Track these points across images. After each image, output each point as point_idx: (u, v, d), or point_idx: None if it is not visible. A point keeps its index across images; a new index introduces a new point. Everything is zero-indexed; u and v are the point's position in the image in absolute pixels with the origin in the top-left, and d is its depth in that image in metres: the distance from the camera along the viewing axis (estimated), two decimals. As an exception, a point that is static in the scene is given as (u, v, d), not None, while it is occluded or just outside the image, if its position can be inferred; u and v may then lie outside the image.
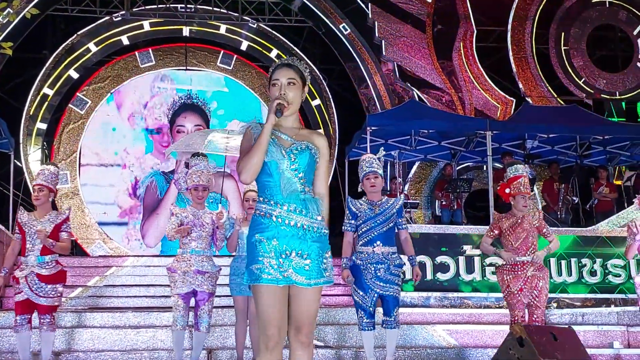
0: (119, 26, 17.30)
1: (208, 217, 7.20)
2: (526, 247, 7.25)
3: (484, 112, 16.52)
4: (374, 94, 16.96)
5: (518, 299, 7.16)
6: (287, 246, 3.85)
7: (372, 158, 7.21)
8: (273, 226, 3.87)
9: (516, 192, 7.35)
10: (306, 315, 3.88)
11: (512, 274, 7.21)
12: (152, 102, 17.08)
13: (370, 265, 6.88)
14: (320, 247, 3.92)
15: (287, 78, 4.00)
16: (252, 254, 3.90)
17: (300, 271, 3.84)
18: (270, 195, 3.91)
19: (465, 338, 9.12)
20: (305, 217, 3.88)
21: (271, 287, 3.82)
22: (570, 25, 17.84)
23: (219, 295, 9.82)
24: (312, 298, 3.89)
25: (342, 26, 17.10)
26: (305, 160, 3.94)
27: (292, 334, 3.89)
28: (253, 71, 17.53)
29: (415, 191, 16.52)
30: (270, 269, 3.82)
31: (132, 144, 16.85)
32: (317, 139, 4.06)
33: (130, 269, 12.38)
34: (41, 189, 7.08)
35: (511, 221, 7.33)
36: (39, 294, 6.88)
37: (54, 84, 16.95)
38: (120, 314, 9.40)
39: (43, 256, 6.94)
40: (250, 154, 3.85)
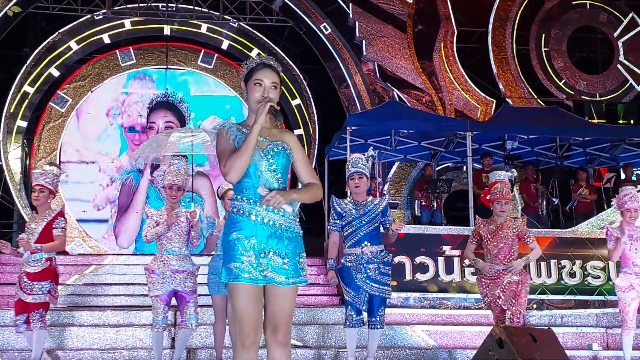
0: (100, 25, 17.21)
1: (183, 216, 7.19)
2: (504, 254, 7.28)
3: (464, 113, 16.59)
4: (354, 94, 16.99)
5: (497, 305, 7.22)
6: (265, 245, 3.88)
7: (359, 158, 7.21)
8: (251, 225, 3.89)
9: (493, 197, 7.39)
10: (283, 314, 3.90)
11: (490, 281, 7.25)
12: (128, 100, 17.01)
13: (361, 266, 6.91)
14: (296, 247, 3.97)
15: (271, 81, 4.05)
16: (231, 252, 3.91)
17: (279, 270, 3.87)
18: (249, 195, 3.94)
19: (445, 339, 9.16)
20: (282, 217, 3.93)
21: (249, 286, 3.84)
22: (551, 27, 17.95)
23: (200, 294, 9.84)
24: (289, 297, 3.92)
25: (322, 26, 17.11)
26: (282, 160, 4.00)
27: (269, 334, 3.91)
28: (234, 70, 17.49)
29: (395, 191, 16.56)
30: (250, 268, 3.84)
31: (107, 143, 16.77)
32: (287, 136, 4.13)
33: (110, 267, 12.33)
34: (42, 190, 7.10)
35: (491, 227, 7.35)
36: (26, 291, 6.88)
37: (34, 82, 16.83)
38: (100, 312, 9.37)
39: (33, 254, 6.94)
40: (238, 154, 3.86)
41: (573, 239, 11.51)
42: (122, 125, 16.89)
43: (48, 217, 7.07)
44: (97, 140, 16.74)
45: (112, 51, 17.34)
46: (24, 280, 6.91)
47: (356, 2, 17.01)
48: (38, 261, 6.97)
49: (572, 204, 14.29)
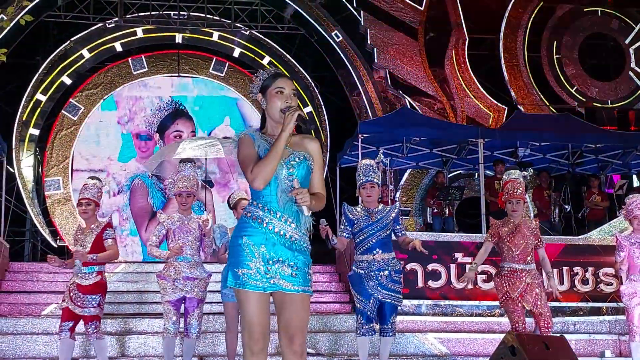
0: (112, 33, 17.30)
1: (195, 223, 7.19)
2: (526, 254, 7.21)
3: (475, 120, 16.57)
4: (365, 101, 17.00)
5: (518, 304, 7.12)
6: (274, 253, 3.87)
7: (370, 165, 7.19)
8: (262, 232, 3.89)
9: (505, 197, 7.35)
10: (298, 323, 3.87)
11: (510, 280, 7.15)
12: (136, 107, 17.08)
13: (372, 273, 6.89)
14: (305, 259, 3.96)
15: (291, 89, 4.06)
16: (239, 257, 3.90)
17: (288, 278, 3.86)
18: (265, 202, 3.93)
19: (457, 346, 9.13)
20: (294, 229, 3.92)
21: (257, 293, 3.84)
22: (563, 34, 17.93)
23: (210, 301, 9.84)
24: (302, 306, 3.90)
25: (334, 34, 17.15)
26: (303, 171, 3.98)
27: (285, 343, 3.88)
28: (245, 78, 17.54)
29: (407, 199, 16.54)
30: (257, 275, 3.84)
31: (117, 151, 16.84)
32: (310, 144, 4.11)
33: (122, 275, 12.35)
34: (88, 203, 7.13)
35: (510, 228, 7.25)
36: (79, 304, 6.93)
37: (46, 90, 16.93)
38: (112, 320, 9.38)
39: (85, 267, 7.00)
40: (267, 161, 3.85)
41: (585, 246, 11.46)
42: (131, 133, 16.95)
43: (97, 229, 7.10)
44: (106, 148, 16.80)
45: (124, 59, 17.42)
46: (75, 292, 6.95)
47: (367, 10, 17.04)
48: (90, 274, 7.01)
49: (584, 211, 14.23)
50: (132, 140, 16.93)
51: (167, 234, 7.17)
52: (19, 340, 8.55)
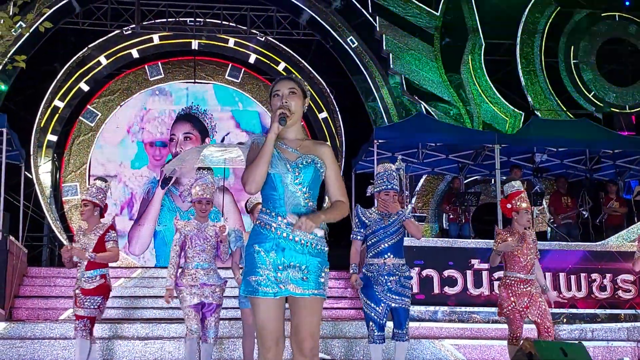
0: (129, 39, 17.41)
1: (211, 230, 7.21)
2: (530, 265, 7.21)
3: (492, 126, 16.51)
4: (381, 107, 16.99)
5: (521, 315, 7.11)
6: (285, 259, 3.86)
7: (392, 171, 7.16)
8: (272, 238, 3.89)
9: (519, 207, 7.29)
10: (307, 327, 3.87)
11: (518, 291, 7.14)
12: (149, 115, 17.17)
13: (381, 278, 6.87)
14: (320, 262, 3.93)
15: (287, 88, 4.06)
16: (250, 265, 3.92)
17: (298, 282, 3.85)
18: (273, 207, 3.93)
19: (473, 353, 9.10)
20: (305, 233, 3.87)
21: (268, 299, 3.85)
22: (580, 39, 17.84)
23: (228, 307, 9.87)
24: (312, 310, 3.89)
25: (349, 39, 17.15)
26: (309, 174, 3.95)
27: (295, 346, 3.89)
28: (261, 84, 17.61)
29: (423, 204, 16.50)
30: (267, 281, 3.84)
31: (128, 157, 16.93)
32: (321, 149, 4.07)
33: (139, 280, 12.40)
34: (86, 204, 7.19)
35: (516, 237, 7.25)
36: (80, 305, 6.97)
37: (64, 97, 17.05)
38: (129, 325, 9.42)
39: (88, 270, 7.04)
40: (253, 164, 3.86)
41: (603, 253, 11.39)
42: (143, 141, 17.03)
43: (100, 230, 7.14)
44: (119, 155, 16.90)
45: (141, 66, 17.52)
46: (79, 296, 6.99)
47: (383, 15, 17.03)
48: (94, 278, 7.05)
49: (602, 217, 14.14)
50: (145, 147, 17.00)
51: (184, 240, 7.19)
52: (37, 344, 8.61)
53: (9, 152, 12.17)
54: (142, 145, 17.01)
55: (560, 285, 10.99)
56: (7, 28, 8.08)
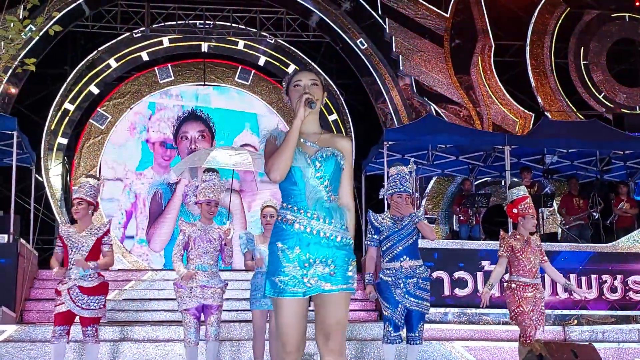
0: (138, 42, 17.46)
1: (216, 233, 7.20)
2: (535, 269, 7.19)
3: (502, 127, 16.48)
4: (391, 109, 16.98)
5: (532, 319, 7.08)
6: (310, 254, 3.73)
7: (404, 174, 7.14)
8: (295, 233, 3.76)
9: (525, 212, 7.27)
10: (333, 321, 3.73)
11: (522, 295, 7.11)
12: (156, 116, 17.22)
13: (399, 280, 6.85)
14: (345, 255, 3.80)
15: (309, 79, 3.95)
16: (275, 264, 3.78)
17: (326, 278, 3.72)
18: (295, 202, 3.80)
19: (484, 355, 9.07)
20: (329, 225, 3.77)
21: (294, 301, 3.72)
22: (590, 40, 17.79)
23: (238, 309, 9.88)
24: (339, 303, 3.75)
25: (359, 41, 17.16)
26: (330, 167, 3.84)
27: (321, 343, 3.74)
28: (271, 86, 17.63)
29: (433, 206, 16.47)
30: (294, 281, 3.71)
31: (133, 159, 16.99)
32: (341, 142, 3.96)
33: (149, 283, 12.42)
34: (80, 203, 7.10)
35: (521, 242, 7.22)
36: (82, 305, 6.88)
37: (74, 100, 17.11)
38: (140, 327, 9.44)
39: (86, 269, 6.96)
40: (279, 150, 3.73)
41: (614, 254, 11.34)
42: (148, 141, 17.06)
43: (97, 232, 7.08)
44: (127, 157, 16.96)
45: (151, 68, 17.56)
46: (77, 294, 6.89)
47: (393, 17, 17.03)
48: (92, 276, 7.00)
49: (612, 218, 14.07)
50: (152, 149, 17.05)
51: (187, 241, 7.19)
52: (48, 347, 8.61)
53: (19, 155, 12.21)
54: (147, 145, 17.04)
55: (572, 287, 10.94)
56: (17, 31, 8.11)
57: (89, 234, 7.03)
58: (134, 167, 16.94)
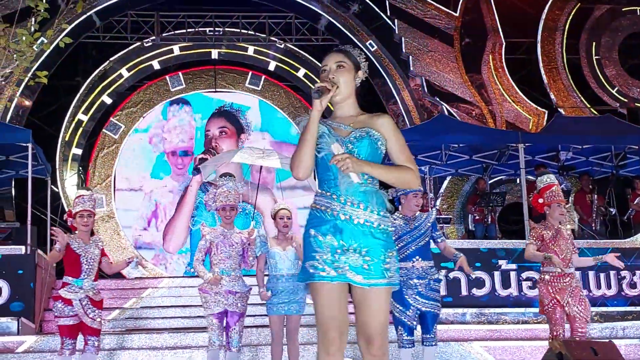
0: (149, 51, 17.56)
1: (237, 237, 7.20)
2: (568, 258, 7.09)
3: (515, 125, 16.42)
4: (402, 110, 16.96)
5: (562, 313, 6.98)
6: (343, 241, 3.56)
7: None
8: (327, 220, 3.60)
9: (551, 200, 7.17)
10: (374, 323, 3.56)
11: (557, 286, 7.01)
12: (170, 125, 17.28)
13: (410, 281, 6.82)
14: (383, 245, 3.61)
15: (335, 62, 3.78)
16: (307, 251, 3.64)
17: (358, 269, 3.54)
18: (328, 188, 3.64)
19: (504, 355, 9.01)
20: (364, 210, 3.59)
21: (326, 284, 3.54)
22: (601, 35, 17.70)
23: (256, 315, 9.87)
24: (378, 303, 3.56)
25: (368, 43, 17.15)
26: (364, 148, 3.64)
27: (362, 345, 3.59)
28: (281, 91, 17.65)
29: (447, 206, 16.42)
30: (323, 266, 3.55)
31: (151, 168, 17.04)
32: (377, 120, 3.73)
33: (166, 290, 12.44)
34: (90, 215, 7.12)
35: (552, 232, 7.12)
36: (92, 317, 6.91)
37: (88, 110, 17.23)
38: (157, 335, 9.46)
39: (95, 282, 7.01)
40: (298, 147, 3.60)
41: (632, 249, 11.25)
42: (165, 152, 17.13)
43: (99, 244, 7.14)
44: (143, 167, 17.02)
45: (162, 77, 17.65)
46: (88, 306, 6.91)
47: (402, 18, 17.01)
48: (96, 289, 7.06)
49: (629, 213, 13.98)
50: (167, 157, 17.12)
51: (209, 247, 7.20)
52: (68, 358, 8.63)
53: (34, 166, 12.27)
54: (164, 155, 17.11)
55: (590, 284, 10.87)
56: (28, 44, 8.16)
57: (94, 245, 7.07)
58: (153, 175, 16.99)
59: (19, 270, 10.49)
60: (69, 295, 6.83)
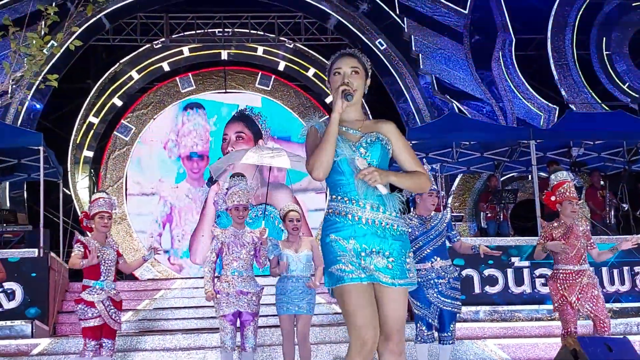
0: (159, 53, 17.61)
1: (249, 237, 7.20)
2: (579, 256, 7.06)
3: (526, 121, 16.36)
4: (412, 108, 16.93)
5: (574, 309, 6.96)
6: (366, 245, 3.63)
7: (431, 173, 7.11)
8: (349, 225, 3.65)
9: (562, 198, 7.15)
10: (394, 320, 3.65)
11: (566, 283, 7.00)
12: (184, 129, 17.30)
13: (431, 281, 6.81)
14: (402, 246, 3.70)
15: (350, 67, 3.85)
16: (330, 255, 3.67)
17: (384, 270, 3.62)
18: (344, 193, 3.70)
19: (518, 352, 8.98)
20: (384, 213, 3.67)
21: (357, 285, 3.58)
22: (611, 30, 17.62)
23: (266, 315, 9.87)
24: (399, 300, 3.66)
25: (378, 42, 17.13)
26: (377, 152, 3.74)
27: (381, 342, 3.65)
28: (291, 91, 17.66)
29: (459, 204, 16.39)
30: (352, 268, 3.59)
31: (166, 173, 17.07)
32: (384, 126, 3.83)
33: (179, 292, 12.48)
34: (109, 217, 7.16)
35: (563, 229, 7.10)
36: (115, 319, 6.94)
37: (98, 113, 17.30)
38: (171, 336, 9.48)
39: (114, 282, 7.04)
40: (319, 148, 3.63)
41: (645, 245, 11.17)
42: (180, 156, 17.16)
43: (114, 245, 7.18)
44: (157, 170, 17.06)
45: (172, 78, 17.70)
46: (110, 307, 6.93)
47: (411, 16, 16.99)
48: (116, 289, 7.08)
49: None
50: (183, 162, 17.15)
51: (221, 247, 7.20)
52: (81, 359, 8.66)
53: (46, 169, 12.32)
54: (180, 159, 17.15)
55: (603, 280, 10.82)
56: (38, 48, 8.18)
57: (109, 247, 7.10)
58: (168, 180, 17.03)
59: (32, 273, 10.53)
60: (92, 298, 6.86)
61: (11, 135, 12.01)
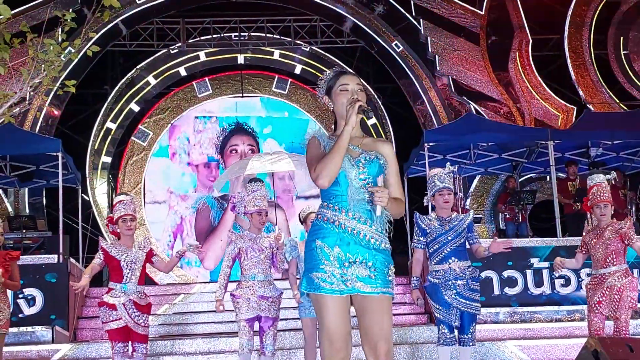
0: (176, 58, 17.68)
1: (266, 241, 7.18)
2: (606, 257, 7.00)
3: (544, 122, 16.28)
4: (429, 110, 16.89)
5: (596, 311, 6.93)
6: (350, 254, 3.72)
7: (443, 173, 7.07)
8: (335, 233, 3.75)
9: (592, 202, 7.17)
10: (380, 330, 3.69)
11: (593, 288, 6.99)
12: (197, 137, 17.35)
13: (449, 282, 6.77)
14: (384, 259, 3.78)
15: (356, 84, 3.92)
16: (313, 261, 3.77)
17: (365, 280, 3.70)
18: (336, 202, 3.79)
19: (538, 353, 8.93)
20: (370, 227, 3.76)
21: (334, 298, 3.68)
22: (629, 29, 17.51)
23: (288, 318, 9.88)
24: (383, 310, 3.72)
25: (394, 44, 17.11)
26: (374, 170, 3.85)
27: (367, 352, 3.71)
28: (308, 94, 17.67)
29: (478, 205, 16.33)
30: (332, 278, 3.69)
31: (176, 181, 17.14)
32: (382, 146, 3.97)
33: (198, 296, 12.49)
34: (132, 219, 7.09)
35: (593, 235, 7.12)
36: (139, 322, 6.86)
37: (116, 118, 17.39)
38: (191, 340, 9.49)
39: (140, 285, 6.97)
40: (329, 156, 3.70)
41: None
42: (190, 163, 17.22)
43: (144, 246, 7.09)
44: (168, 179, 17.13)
45: (189, 83, 17.76)
46: (133, 310, 6.86)
47: (427, 18, 16.96)
48: (144, 293, 7.01)
49: (663, 208, 13.83)
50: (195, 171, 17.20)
51: (239, 252, 7.19)
52: (102, 364, 8.71)
53: (65, 175, 12.39)
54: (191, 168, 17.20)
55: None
56: (55, 54, 8.23)
57: (138, 249, 7.04)
58: (177, 189, 17.08)
59: (52, 279, 10.59)
60: (112, 300, 6.82)
61: (30, 141, 12.08)
